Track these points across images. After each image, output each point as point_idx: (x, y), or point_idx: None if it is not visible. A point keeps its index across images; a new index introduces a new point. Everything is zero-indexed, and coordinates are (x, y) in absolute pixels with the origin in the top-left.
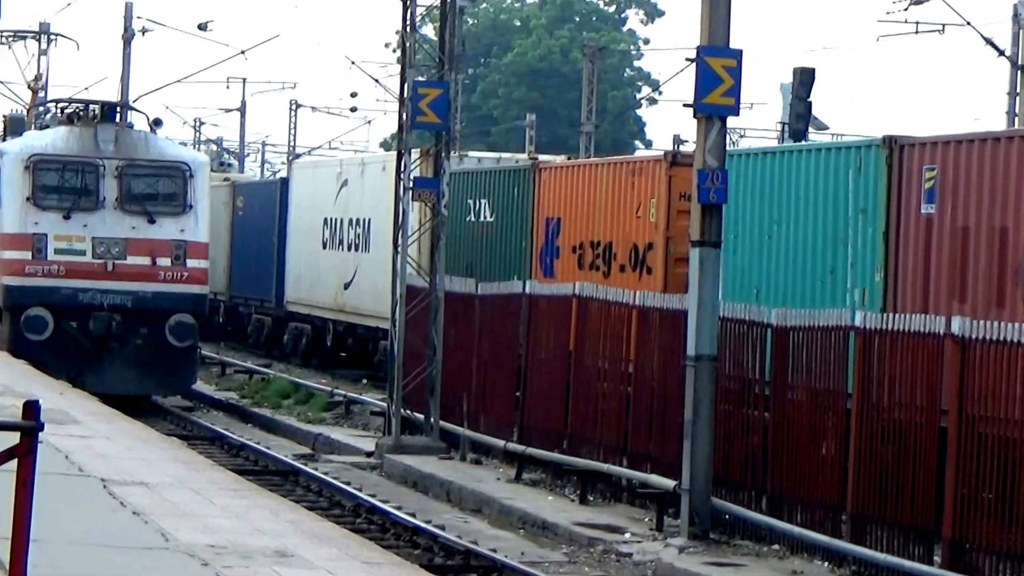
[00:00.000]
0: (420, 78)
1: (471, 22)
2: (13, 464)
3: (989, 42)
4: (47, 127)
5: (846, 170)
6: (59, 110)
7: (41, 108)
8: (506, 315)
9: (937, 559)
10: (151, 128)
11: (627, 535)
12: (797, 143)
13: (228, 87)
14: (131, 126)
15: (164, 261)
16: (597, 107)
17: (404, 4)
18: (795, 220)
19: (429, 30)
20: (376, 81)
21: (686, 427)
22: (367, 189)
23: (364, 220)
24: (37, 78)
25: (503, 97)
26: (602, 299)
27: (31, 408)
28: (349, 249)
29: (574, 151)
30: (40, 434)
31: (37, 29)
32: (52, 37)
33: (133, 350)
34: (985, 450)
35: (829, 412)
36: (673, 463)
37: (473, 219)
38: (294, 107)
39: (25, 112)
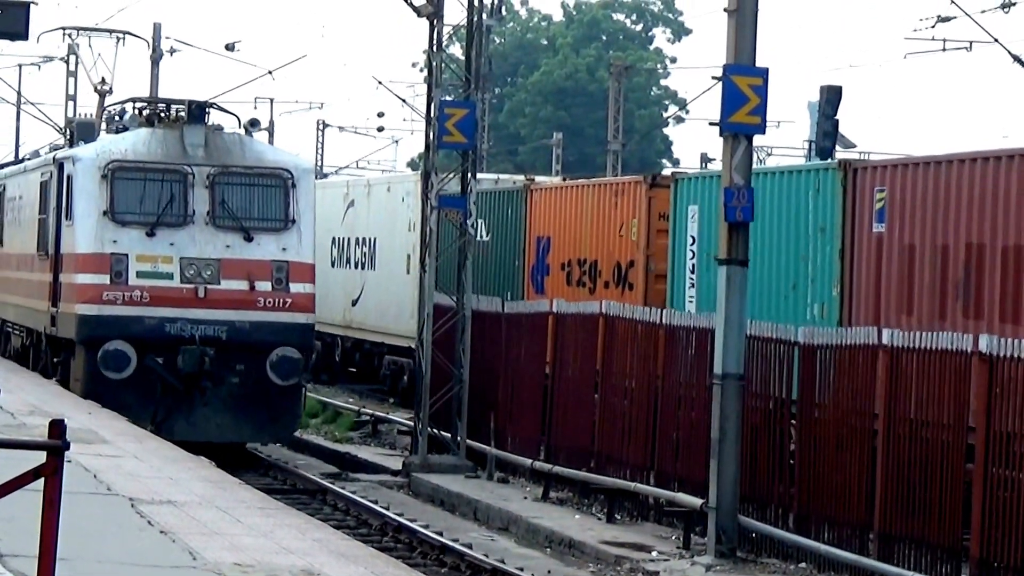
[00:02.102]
0: (447, 98)
1: (498, 41)
2: (41, 483)
3: (1017, 59)
4: (123, 130)
5: (807, 191)
6: (138, 111)
7: (113, 110)
8: (532, 333)
9: None
10: (246, 129)
11: (654, 553)
12: (762, 167)
13: (256, 107)
14: (220, 129)
15: (264, 285)
16: (624, 126)
17: (431, 24)
18: (761, 238)
19: (456, 49)
20: (403, 101)
21: (713, 445)
22: (372, 209)
23: (370, 239)
24: (103, 80)
25: (530, 116)
26: (629, 317)
27: (57, 427)
28: (356, 267)
29: (601, 170)
30: (69, 453)
31: (109, 28)
32: (121, 36)
33: (228, 390)
34: (1014, 468)
35: (856, 430)
36: (700, 481)
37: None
38: (321, 127)
39: (94, 117)
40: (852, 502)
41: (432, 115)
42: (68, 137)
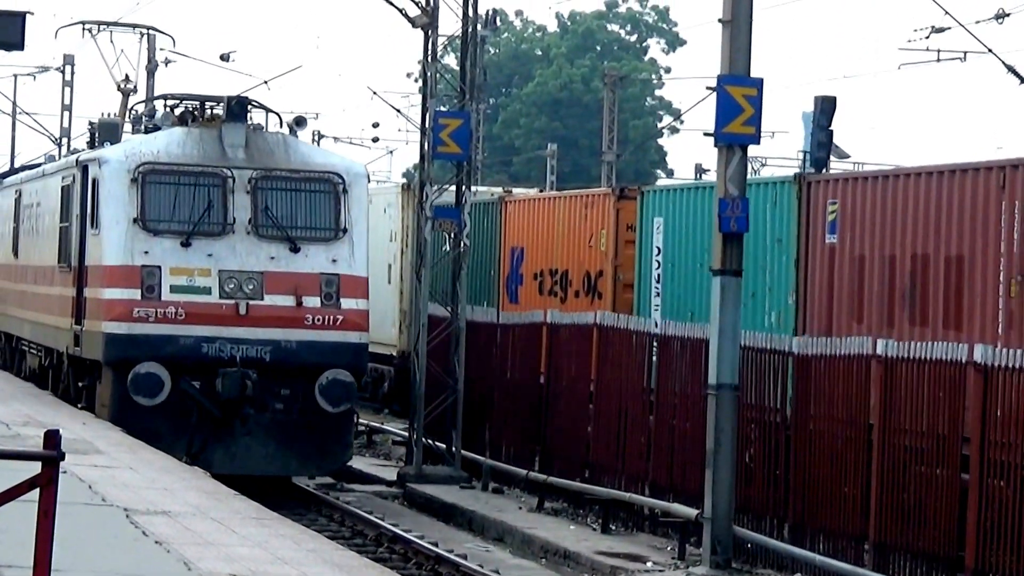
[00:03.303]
0: (441, 108)
1: (492, 52)
2: (36, 494)
3: (1011, 69)
4: (154, 130)
5: (764, 204)
6: (169, 108)
7: (140, 108)
8: (527, 344)
9: None
10: (290, 128)
11: (649, 564)
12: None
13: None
14: (260, 128)
15: (312, 301)
16: (619, 136)
17: (425, 34)
18: None
19: (451, 60)
20: (398, 111)
21: (708, 455)
22: None
23: None
24: (127, 78)
25: (524, 127)
26: (623, 328)
27: (52, 438)
28: None
29: (596, 181)
30: (64, 464)
31: (133, 22)
32: (145, 31)
33: (272, 418)
34: (1008, 478)
35: (851, 440)
36: (695, 492)
37: (448, 249)
38: (316, 138)
39: (118, 117)
40: (847, 512)
41: (427, 125)
42: (90, 138)
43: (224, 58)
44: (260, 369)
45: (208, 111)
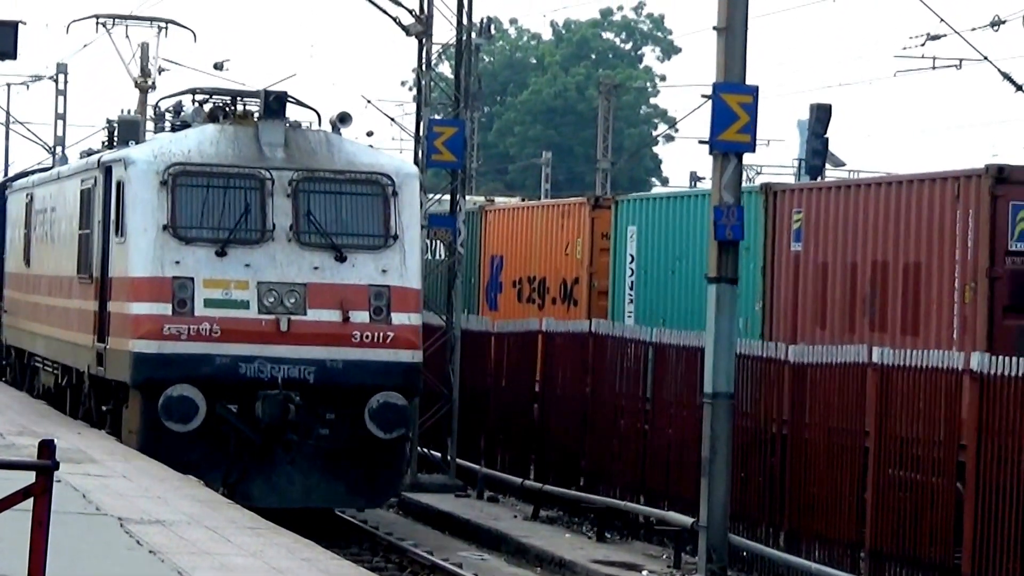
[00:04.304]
0: (436, 116)
1: (487, 60)
2: (30, 503)
3: (1007, 77)
4: (183, 127)
5: None
6: (198, 104)
7: (165, 104)
8: (521, 352)
9: None
10: (333, 126)
11: (644, 572)
12: (692, 190)
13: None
14: (298, 125)
15: (360, 316)
16: (613, 144)
17: (420, 43)
18: (693, 257)
19: (445, 68)
20: (392, 120)
21: (703, 464)
22: None
23: None
24: (145, 73)
25: (519, 135)
26: (618, 336)
27: (46, 447)
28: None
29: (591, 188)
30: (58, 473)
31: (151, 15)
32: (164, 25)
33: (318, 445)
34: (1005, 486)
35: (847, 448)
36: (691, 500)
37: (430, 257)
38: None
39: (138, 114)
40: (843, 520)
41: (421, 134)
42: (108, 137)
43: (218, 67)
44: (303, 391)
45: (241, 107)
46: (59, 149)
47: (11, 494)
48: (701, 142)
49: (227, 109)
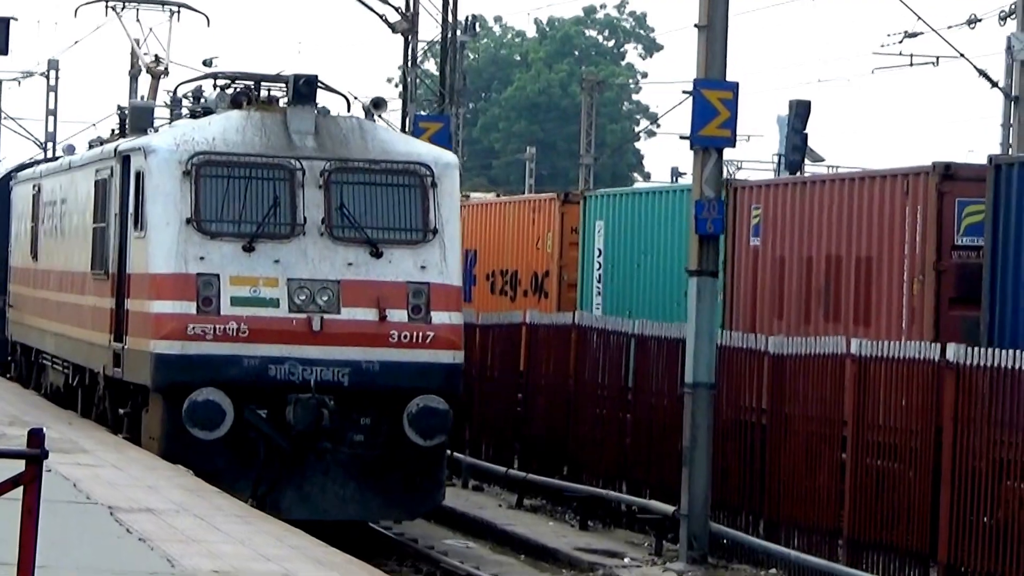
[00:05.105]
0: (421, 112)
1: (472, 57)
2: (20, 492)
3: (983, 74)
4: (205, 113)
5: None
6: (221, 88)
7: (183, 90)
8: (506, 344)
9: None
10: (367, 112)
11: (627, 560)
12: (657, 185)
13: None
14: (327, 112)
15: (398, 315)
16: (596, 140)
17: (405, 40)
18: (658, 251)
19: (431, 65)
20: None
21: (685, 453)
22: None
23: None
24: (157, 59)
25: (504, 131)
26: (600, 328)
27: (36, 437)
28: None
29: (574, 183)
30: (49, 463)
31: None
32: (176, 9)
33: (353, 452)
34: (979, 473)
35: (825, 438)
36: (672, 488)
37: None
38: None
39: (150, 100)
40: (821, 509)
41: (407, 130)
42: (119, 125)
43: (207, 63)
44: (337, 395)
45: (265, 93)
46: (50, 145)
47: (1, 483)
48: (682, 137)
49: (248, 95)
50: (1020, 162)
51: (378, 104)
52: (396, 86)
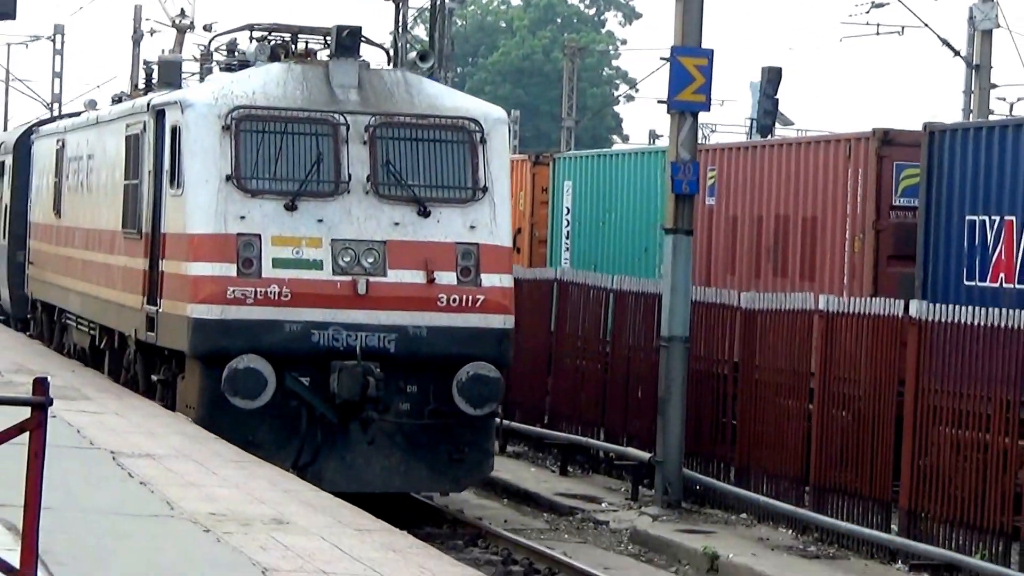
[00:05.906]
0: None
1: (459, 23)
2: (26, 437)
3: (945, 43)
4: (242, 67)
5: (656, 170)
6: (259, 40)
7: (218, 43)
8: None
9: (894, 527)
10: (413, 65)
11: (604, 504)
12: (620, 148)
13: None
14: (368, 65)
15: (447, 277)
16: (577, 104)
17: (396, 6)
18: (621, 210)
19: (420, 31)
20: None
21: (660, 403)
22: None
23: None
24: (183, 12)
25: (489, 94)
26: (581, 283)
27: (40, 384)
28: None
29: (556, 145)
30: (53, 409)
31: None
32: None
33: (399, 422)
34: (939, 423)
35: (793, 389)
36: (648, 437)
37: None
38: None
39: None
40: (789, 457)
41: None
42: (146, 80)
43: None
44: (383, 362)
45: (303, 47)
46: (55, 105)
47: (6, 428)
48: (659, 102)
49: (287, 49)
50: (951, 129)
51: (424, 56)
52: (386, 51)
